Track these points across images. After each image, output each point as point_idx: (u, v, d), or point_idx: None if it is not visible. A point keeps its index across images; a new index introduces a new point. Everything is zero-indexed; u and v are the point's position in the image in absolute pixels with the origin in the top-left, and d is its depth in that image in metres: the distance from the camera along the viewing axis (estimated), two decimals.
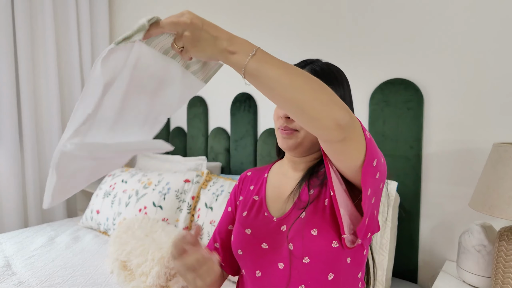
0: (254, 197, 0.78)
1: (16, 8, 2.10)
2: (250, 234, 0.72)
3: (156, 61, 0.55)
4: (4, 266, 1.34)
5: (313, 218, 0.64)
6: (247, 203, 0.78)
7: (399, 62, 1.28)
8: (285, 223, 0.68)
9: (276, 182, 0.78)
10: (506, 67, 1.06)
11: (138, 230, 1.39)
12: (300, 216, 0.66)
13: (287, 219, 0.69)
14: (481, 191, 0.88)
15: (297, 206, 0.68)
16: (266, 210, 0.74)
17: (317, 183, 0.69)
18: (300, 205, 0.68)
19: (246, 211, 0.76)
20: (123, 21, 2.61)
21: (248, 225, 0.74)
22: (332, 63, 0.72)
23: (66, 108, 2.46)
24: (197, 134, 2.05)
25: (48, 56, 2.27)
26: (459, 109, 1.16)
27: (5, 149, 2.10)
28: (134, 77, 0.53)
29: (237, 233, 0.75)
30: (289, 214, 0.69)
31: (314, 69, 0.68)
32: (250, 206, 0.77)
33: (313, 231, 0.63)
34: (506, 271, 0.85)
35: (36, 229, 1.79)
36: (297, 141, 0.69)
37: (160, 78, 0.57)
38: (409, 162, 1.24)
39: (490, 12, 1.08)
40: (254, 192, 0.80)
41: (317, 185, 0.69)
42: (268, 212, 0.73)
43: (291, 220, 0.67)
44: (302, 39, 1.55)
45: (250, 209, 0.76)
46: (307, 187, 0.69)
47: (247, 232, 0.73)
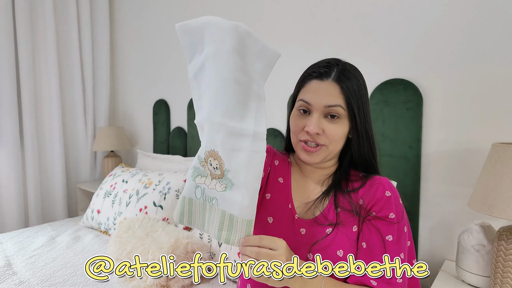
0: (279, 179, 0.75)
1: (16, 8, 2.10)
2: (272, 224, 0.70)
3: None
4: (5, 266, 1.35)
5: (340, 238, 0.66)
6: (272, 184, 0.74)
7: (398, 62, 1.28)
8: (304, 227, 0.68)
9: (298, 178, 0.75)
10: (505, 67, 1.07)
11: (138, 230, 1.39)
12: (326, 232, 0.66)
13: (309, 224, 0.68)
14: (480, 191, 0.88)
15: (320, 221, 0.68)
16: (291, 201, 0.72)
17: (347, 206, 0.68)
18: (324, 222, 0.67)
19: (270, 195, 0.73)
20: (123, 21, 2.61)
21: (270, 212, 0.71)
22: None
23: (67, 108, 2.46)
24: (198, 134, 2.05)
25: (49, 56, 2.28)
26: (458, 109, 1.16)
27: (6, 149, 2.11)
28: None
29: (257, 219, 0.71)
30: (311, 223, 0.68)
31: (343, 69, 0.67)
32: (274, 190, 0.74)
33: (339, 252, 0.65)
34: (505, 271, 0.85)
35: (37, 228, 1.80)
36: (324, 155, 0.68)
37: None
38: (408, 162, 1.25)
39: (490, 12, 1.08)
40: (279, 173, 0.76)
41: (347, 209, 0.68)
42: (292, 204, 0.72)
43: (312, 229, 0.67)
44: (302, 39, 1.55)
45: (275, 192, 0.73)
46: (334, 204, 0.68)
47: (269, 220, 0.71)
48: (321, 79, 0.66)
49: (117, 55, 2.71)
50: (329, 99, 0.64)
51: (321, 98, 0.65)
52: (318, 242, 0.65)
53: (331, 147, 0.67)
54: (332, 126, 0.66)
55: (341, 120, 0.66)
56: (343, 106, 0.64)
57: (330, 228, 0.66)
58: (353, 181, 0.71)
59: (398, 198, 0.68)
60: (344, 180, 0.71)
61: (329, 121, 0.66)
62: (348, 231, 0.66)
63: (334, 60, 0.69)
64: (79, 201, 2.44)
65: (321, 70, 0.66)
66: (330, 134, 0.66)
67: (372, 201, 0.67)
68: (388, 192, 0.67)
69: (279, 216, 0.71)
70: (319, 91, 0.65)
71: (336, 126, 0.66)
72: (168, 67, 2.26)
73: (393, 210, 0.66)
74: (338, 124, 0.66)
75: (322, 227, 0.67)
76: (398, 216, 0.66)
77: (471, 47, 1.12)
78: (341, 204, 0.68)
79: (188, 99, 2.12)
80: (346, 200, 0.68)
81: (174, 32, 2.19)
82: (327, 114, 0.66)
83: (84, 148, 2.53)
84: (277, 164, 0.77)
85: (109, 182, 1.85)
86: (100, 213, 1.74)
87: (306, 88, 0.68)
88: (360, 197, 0.69)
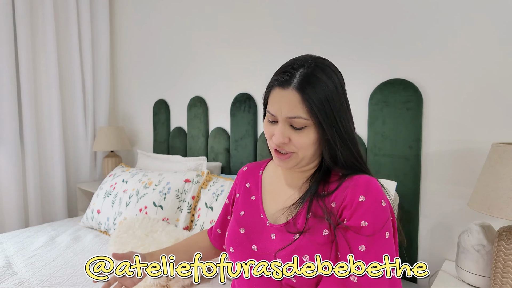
0: (251, 197, 0.79)
1: (16, 9, 2.10)
2: (244, 234, 0.73)
3: None
4: (5, 266, 1.34)
5: (306, 244, 0.63)
6: (245, 202, 0.80)
7: (398, 62, 1.28)
8: (275, 232, 0.69)
9: (271, 185, 0.78)
10: (505, 67, 1.07)
11: (138, 230, 1.39)
12: (293, 238, 0.65)
13: (278, 230, 0.69)
14: (480, 191, 0.88)
15: (289, 227, 0.67)
16: (262, 211, 0.74)
17: (319, 213, 0.65)
18: (292, 229, 0.66)
19: (244, 211, 0.78)
20: (123, 21, 2.61)
21: (243, 224, 0.75)
22: (327, 60, 0.67)
23: (67, 108, 2.46)
24: (198, 134, 2.06)
25: (49, 57, 2.28)
26: (458, 109, 1.16)
27: (6, 149, 2.11)
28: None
29: (232, 231, 0.76)
30: (281, 229, 0.69)
31: (306, 74, 0.63)
32: (247, 206, 0.78)
33: (304, 257, 0.63)
34: (505, 271, 0.85)
35: (37, 229, 1.80)
36: (296, 161, 0.68)
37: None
38: (408, 162, 1.25)
39: (490, 13, 1.08)
40: (251, 192, 0.80)
41: (318, 216, 0.65)
42: (264, 214, 0.74)
43: (280, 234, 0.67)
44: (301, 39, 1.55)
45: (247, 209, 0.78)
46: (307, 209, 0.66)
47: (241, 231, 0.74)
48: (283, 87, 0.63)
49: (117, 55, 2.71)
50: (289, 110, 0.62)
51: (282, 109, 0.63)
52: (284, 248, 0.65)
53: (301, 153, 0.66)
54: (298, 135, 0.64)
55: (307, 128, 0.64)
56: (304, 117, 0.62)
57: (297, 234, 0.65)
58: (331, 182, 0.68)
59: (379, 202, 0.62)
60: (322, 182, 0.69)
61: (294, 130, 0.64)
62: (316, 237, 0.63)
63: (300, 62, 0.64)
64: (79, 201, 2.44)
65: (283, 78, 0.63)
66: (297, 142, 0.65)
67: (342, 205, 0.63)
68: (362, 197, 0.61)
69: (251, 226, 0.74)
70: (281, 101, 0.63)
71: (302, 135, 0.64)
72: (168, 67, 2.26)
73: (367, 218, 0.60)
74: (304, 133, 0.64)
75: (289, 234, 0.66)
76: (375, 225, 0.60)
77: (470, 47, 1.12)
78: (313, 210, 0.66)
79: (188, 99, 2.13)
80: (319, 206, 0.66)
81: (174, 32, 2.19)
82: (291, 124, 0.64)
83: (84, 148, 2.53)
84: (249, 186, 0.82)
85: (109, 182, 1.85)
86: (100, 213, 1.74)
87: (271, 98, 0.66)
88: (333, 199, 0.65)
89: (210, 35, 1.97)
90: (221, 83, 1.93)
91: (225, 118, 1.92)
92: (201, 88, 2.05)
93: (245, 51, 1.80)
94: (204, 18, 1.99)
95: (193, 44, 2.07)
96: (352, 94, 1.38)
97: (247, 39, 1.78)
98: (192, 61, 2.09)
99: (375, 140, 1.32)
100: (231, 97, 1.87)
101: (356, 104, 1.38)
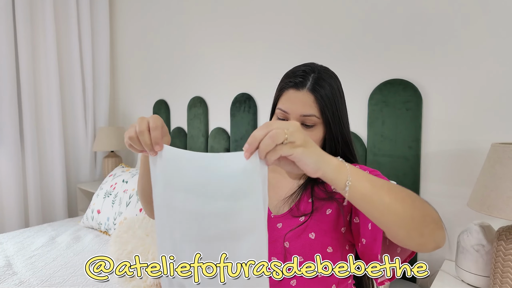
0: None
1: (16, 8, 2.10)
2: None
3: None
4: (5, 266, 1.35)
5: (313, 225, 0.68)
6: None
7: (398, 62, 1.28)
8: (281, 221, 0.71)
9: (272, 178, 0.80)
10: (504, 67, 1.07)
11: (138, 230, 1.40)
12: (300, 221, 0.69)
13: (284, 218, 0.72)
14: (480, 191, 0.88)
15: (293, 212, 0.71)
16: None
17: (322, 195, 0.72)
18: (297, 213, 0.71)
19: None
20: (123, 22, 2.61)
21: None
22: (330, 64, 0.73)
23: (67, 108, 2.47)
24: (197, 134, 2.06)
25: (49, 57, 2.28)
26: (457, 110, 1.16)
27: (6, 149, 2.11)
28: None
29: None
30: (286, 216, 0.72)
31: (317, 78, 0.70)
32: None
33: (310, 235, 0.67)
34: (505, 271, 0.85)
35: (37, 229, 1.80)
36: None
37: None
38: (407, 162, 1.25)
39: (490, 13, 1.08)
40: None
41: (321, 198, 0.71)
42: (267, 207, 0.74)
43: (287, 221, 0.70)
44: (301, 40, 1.55)
45: None
46: (311, 194, 0.72)
47: None
48: (297, 89, 0.69)
49: (117, 55, 2.71)
50: (304, 109, 0.69)
51: (297, 107, 0.69)
52: (293, 231, 0.68)
53: None
54: (308, 133, 0.70)
55: (316, 127, 0.71)
56: (317, 115, 0.69)
57: (303, 217, 0.70)
58: None
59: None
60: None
61: (304, 128, 0.70)
62: (321, 216, 0.69)
63: (310, 67, 0.72)
64: (79, 201, 2.44)
65: (297, 80, 0.70)
66: None
67: None
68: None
69: None
70: (295, 101, 0.69)
71: (312, 134, 0.70)
72: (168, 67, 2.26)
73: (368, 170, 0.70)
74: (313, 132, 0.70)
75: (295, 218, 0.70)
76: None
77: (470, 47, 1.12)
78: (316, 194, 0.72)
79: (188, 99, 2.13)
80: (320, 190, 0.72)
81: (174, 32, 2.19)
82: (303, 122, 0.70)
83: (84, 148, 2.53)
84: None
85: (109, 182, 1.86)
86: (100, 213, 1.75)
87: (284, 98, 0.71)
88: None
89: (211, 36, 1.97)
90: (221, 83, 1.93)
91: (225, 118, 1.92)
92: (201, 88, 2.05)
93: (245, 52, 1.80)
94: (205, 19, 2.00)
95: (193, 44, 2.07)
96: (352, 94, 1.38)
97: (247, 40, 1.78)
98: (192, 61, 2.09)
99: (375, 140, 1.33)
100: (231, 97, 1.87)
101: (356, 104, 1.38)
